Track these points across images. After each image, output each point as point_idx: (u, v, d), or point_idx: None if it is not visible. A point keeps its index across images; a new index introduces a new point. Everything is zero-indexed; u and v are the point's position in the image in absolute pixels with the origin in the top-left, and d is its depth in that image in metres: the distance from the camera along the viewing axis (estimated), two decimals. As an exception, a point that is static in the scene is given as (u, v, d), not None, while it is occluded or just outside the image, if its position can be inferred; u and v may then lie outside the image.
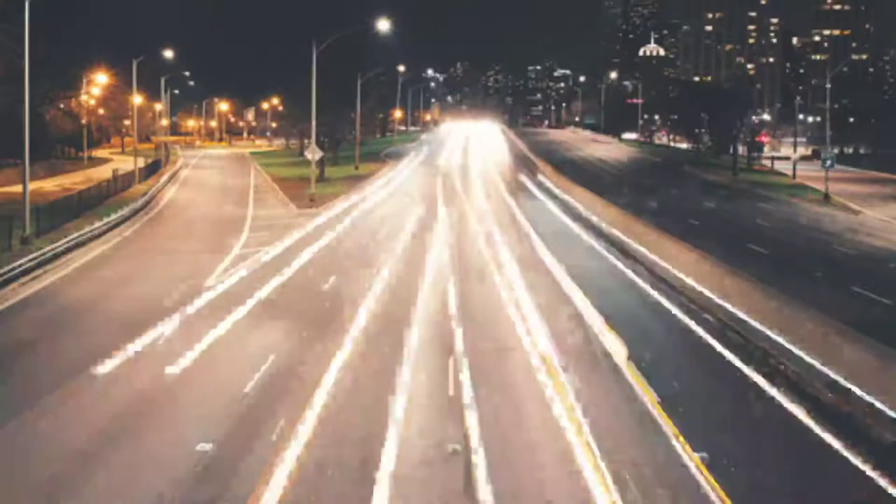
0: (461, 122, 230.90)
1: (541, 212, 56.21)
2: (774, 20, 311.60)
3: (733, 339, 23.77)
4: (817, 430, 17.22)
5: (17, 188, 45.88)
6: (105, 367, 20.72)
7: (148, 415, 17.65)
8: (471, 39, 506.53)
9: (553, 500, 13.91)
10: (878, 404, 17.09)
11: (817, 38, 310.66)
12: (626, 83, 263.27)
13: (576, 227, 48.56)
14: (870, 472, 15.18)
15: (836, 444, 16.48)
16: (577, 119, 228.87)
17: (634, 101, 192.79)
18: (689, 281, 29.85)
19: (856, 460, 15.76)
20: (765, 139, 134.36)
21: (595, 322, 25.41)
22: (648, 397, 18.62)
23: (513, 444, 16.17)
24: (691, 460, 15.33)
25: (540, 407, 18.13)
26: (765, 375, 20.60)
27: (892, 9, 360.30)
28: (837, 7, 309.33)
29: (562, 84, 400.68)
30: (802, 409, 18.30)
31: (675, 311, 27.73)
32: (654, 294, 30.26)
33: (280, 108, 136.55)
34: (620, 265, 36.39)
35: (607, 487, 14.21)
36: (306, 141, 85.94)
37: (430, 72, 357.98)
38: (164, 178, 76.51)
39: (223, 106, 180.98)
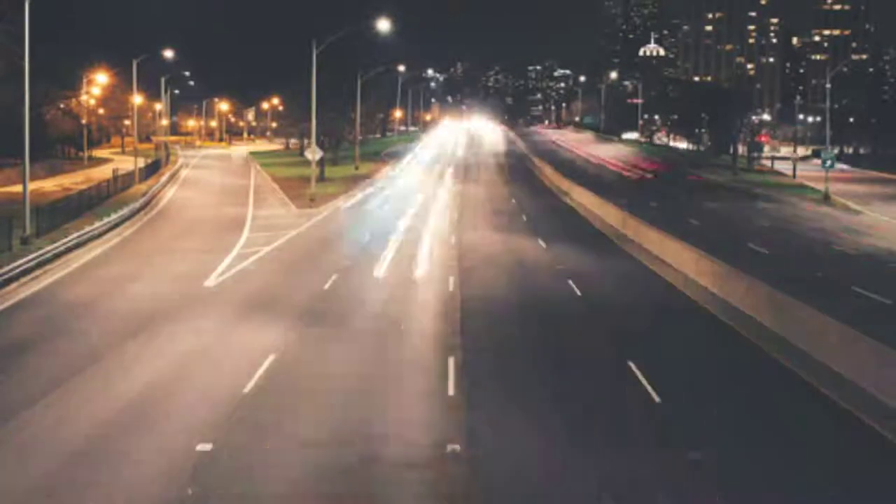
0: (462, 122, 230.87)
1: (544, 214, 56.29)
2: (774, 20, 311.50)
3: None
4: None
5: (17, 188, 45.95)
6: (104, 367, 20.73)
7: (148, 415, 17.63)
8: (471, 39, 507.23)
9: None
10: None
11: (817, 38, 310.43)
12: (626, 83, 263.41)
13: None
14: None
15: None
16: (576, 119, 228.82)
17: (634, 101, 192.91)
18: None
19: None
20: (765, 139, 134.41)
21: None
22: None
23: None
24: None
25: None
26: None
27: (892, 9, 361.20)
28: (837, 7, 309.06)
29: (562, 84, 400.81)
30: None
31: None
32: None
33: (280, 108, 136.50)
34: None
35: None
36: (306, 141, 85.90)
37: (430, 72, 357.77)
38: (164, 177, 76.47)
39: (223, 106, 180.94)
